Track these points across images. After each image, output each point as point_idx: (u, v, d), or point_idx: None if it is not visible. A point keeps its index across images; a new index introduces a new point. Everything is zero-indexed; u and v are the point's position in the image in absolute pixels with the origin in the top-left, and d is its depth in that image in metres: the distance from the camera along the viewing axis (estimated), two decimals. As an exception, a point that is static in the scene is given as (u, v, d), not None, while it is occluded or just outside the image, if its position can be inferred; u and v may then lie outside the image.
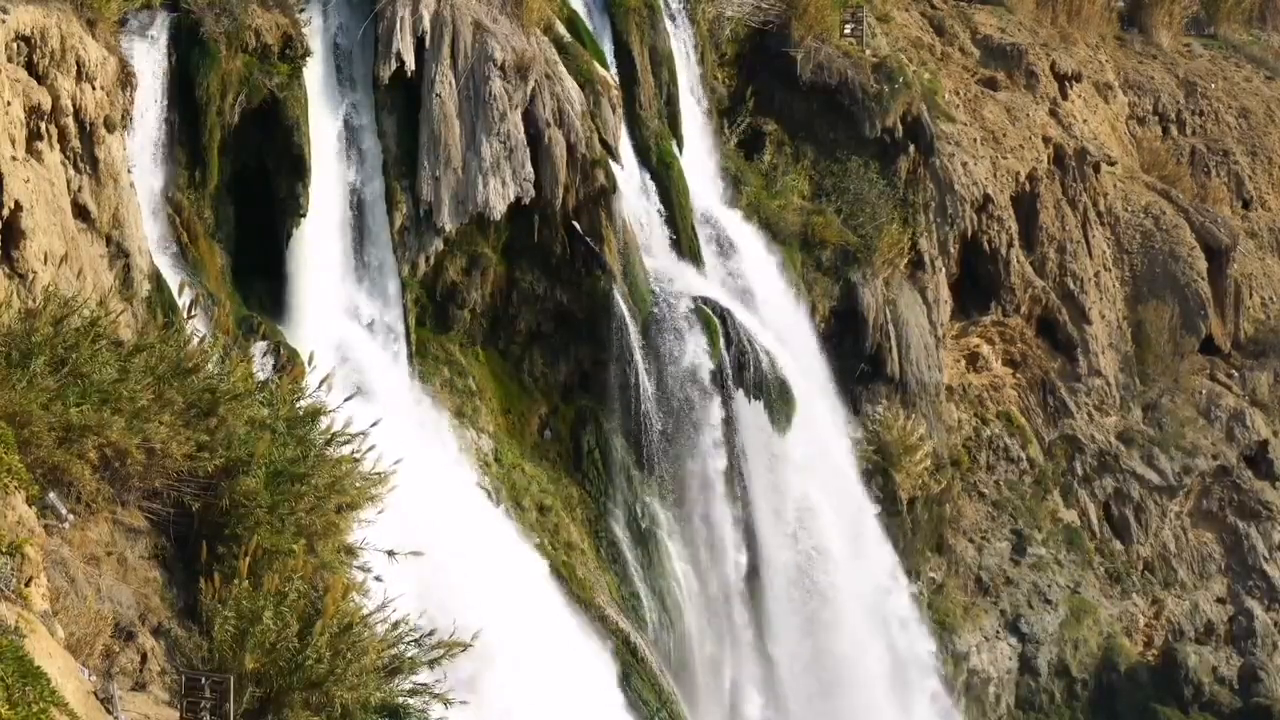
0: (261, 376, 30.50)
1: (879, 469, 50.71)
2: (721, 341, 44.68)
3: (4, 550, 18.42)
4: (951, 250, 55.53)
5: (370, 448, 25.38)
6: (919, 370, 52.47)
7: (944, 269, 54.87)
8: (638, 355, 43.54)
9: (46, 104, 32.25)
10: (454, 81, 41.32)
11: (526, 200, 42.05)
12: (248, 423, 23.86)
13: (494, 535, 39.36)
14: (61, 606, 20.17)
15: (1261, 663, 58.36)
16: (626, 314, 43.38)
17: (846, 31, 54.74)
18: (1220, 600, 59.53)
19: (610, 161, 43.60)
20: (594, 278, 43.27)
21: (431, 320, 42.24)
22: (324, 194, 39.44)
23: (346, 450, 25.18)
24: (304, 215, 38.81)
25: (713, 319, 44.80)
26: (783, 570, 46.44)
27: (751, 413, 45.29)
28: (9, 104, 30.89)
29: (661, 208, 46.71)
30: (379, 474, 25.21)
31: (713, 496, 44.86)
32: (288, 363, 35.66)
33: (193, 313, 27.67)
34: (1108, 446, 58.76)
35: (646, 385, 43.65)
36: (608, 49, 46.72)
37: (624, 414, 43.78)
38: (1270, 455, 61.61)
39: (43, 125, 32.27)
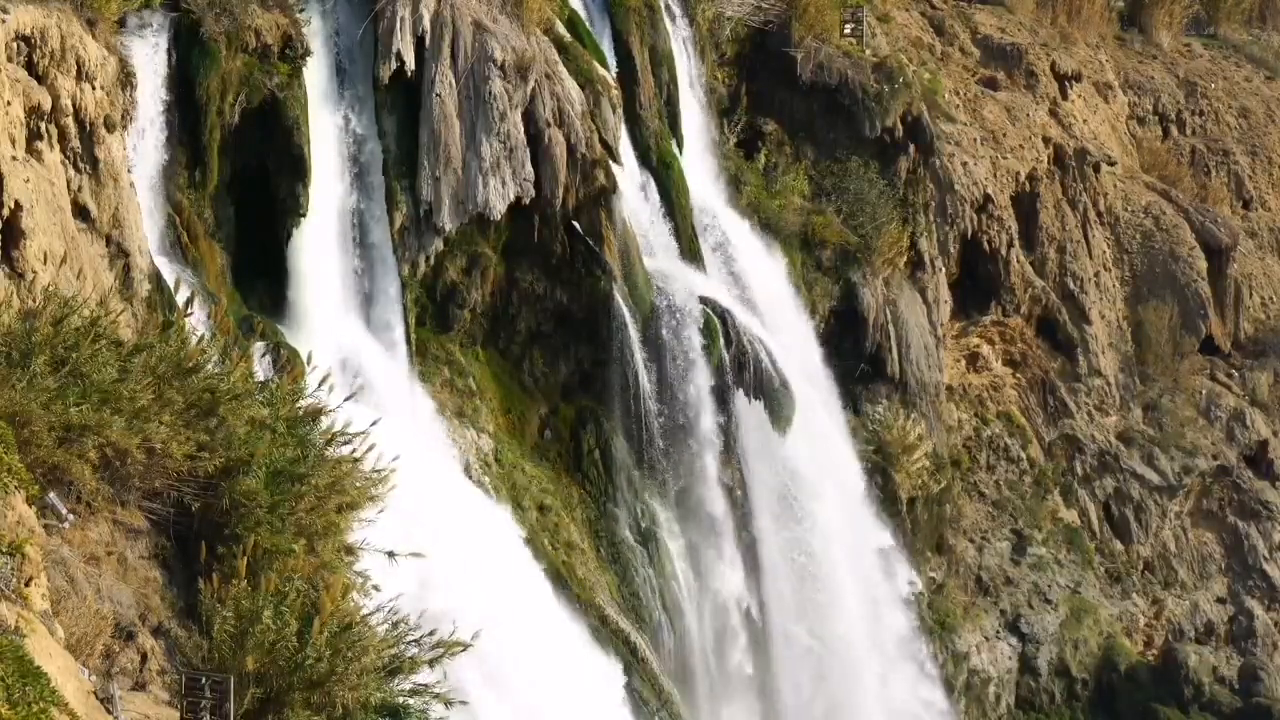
0: (261, 376, 30.48)
1: (879, 469, 50.71)
2: (721, 341, 44.68)
3: (4, 550, 18.41)
4: (951, 250, 55.53)
5: (370, 447, 25.37)
6: (919, 370, 52.47)
7: (944, 269, 54.87)
8: (638, 355, 43.54)
9: (46, 104, 32.24)
10: (454, 81, 41.32)
11: (526, 200, 42.04)
12: (248, 423, 23.82)
13: (494, 535, 39.35)
14: (61, 606, 20.14)
15: (1261, 663, 58.36)
16: (626, 314, 43.37)
17: (846, 31, 54.72)
18: (1220, 600, 59.53)
19: (610, 161, 43.58)
20: (594, 278, 43.25)
21: (431, 320, 42.22)
22: (324, 194, 39.43)
23: (346, 450, 25.15)
24: (304, 215, 38.81)
25: (713, 319, 44.80)
26: (783, 569, 46.43)
27: (751, 413, 45.29)
28: (9, 104, 30.88)
29: (662, 208, 46.71)
30: (379, 473, 25.19)
31: (713, 496, 44.86)
32: (288, 363, 35.64)
33: (189, 311, 27.61)
34: (1108, 446, 58.76)
35: (646, 385, 43.64)
36: (608, 49, 46.70)
37: (624, 414, 43.78)
38: (1270, 455, 61.61)
39: (43, 125, 32.27)
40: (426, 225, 41.21)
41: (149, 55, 36.72)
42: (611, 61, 46.46)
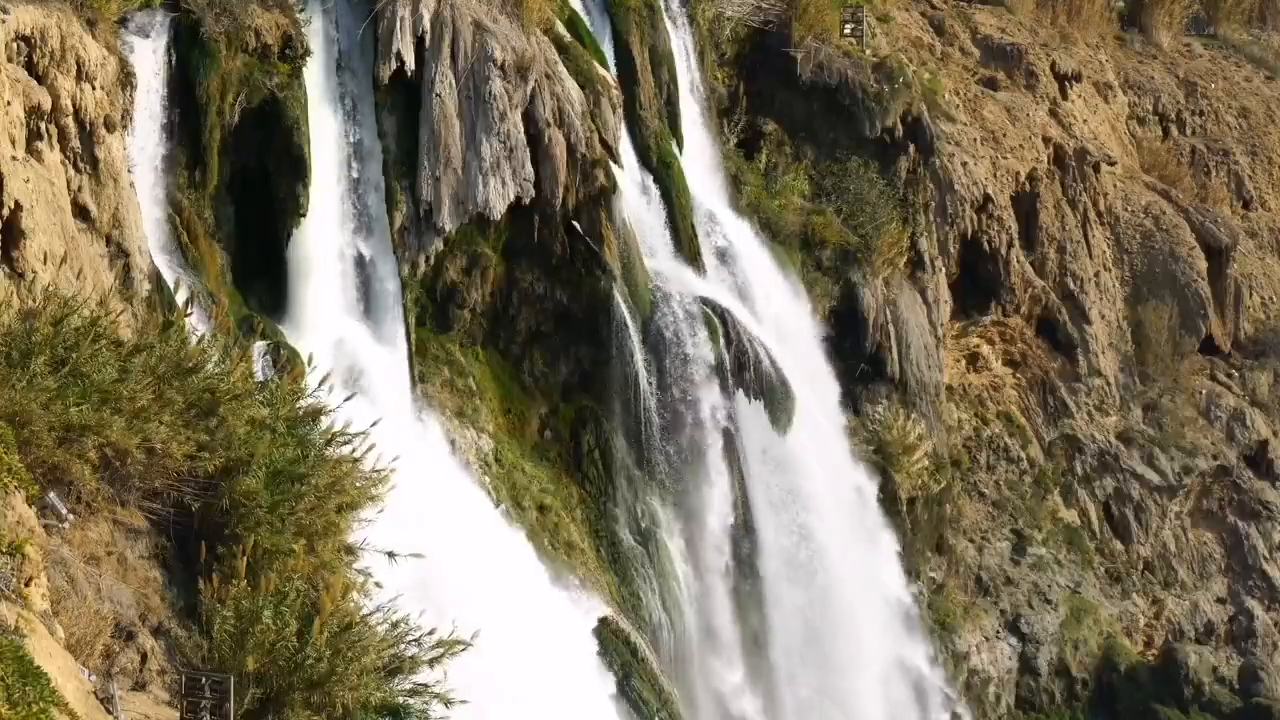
0: (261, 376, 30.48)
1: (879, 469, 50.70)
2: (721, 341, 44.67)
3: (4, 550, 18.41)
4: (951, 250, 55.52)
5: (370, 447, 25.35)
6: (919, 370, 52.46)
7: (944, 269, 54.86)
8: (638, 355, 43.54)
9: (46, 104, 32.25)
10: (454, 81, 41.31)
11: (526, 200, 42.04)
12: (248, 423, 23.80)
13: (493, 536, 39.35)
14: (61, 606, 20.13)
15: (1261, 663, 58.35)
16: (626, 314, 43.37)
17: (846, 31, 54.73)
18: (1220, 600, 59.52)
19: (610, 161, 43.59)
20: (594, 278, 43.25)
21: (431, 320, 42.23)
22: (324, 194, 39.44)
23: (346, 450, 25.13)
24: (304, 215, 38.83)
25: (713, 319, 44.80)
26: (782, 569, 46.42)
27: (751, 412, 45.27)
28: (9, 104, 30.89)
29: (662, 207, 46.71)
30: (379, 473, 25.17)
31: (712, 496, 44.85)
32: (288, 363, 35.64)
33: (188, 311, 27.61)
34: (1108, 446, 58.75)
35: (646, 385, 43.64)
36: (608, 49, 46.71)
37: (624, 414, 43.78)
38: (1270, 455, 61.60)
39: (43, 125, 32.28)
40: (426, 225, 41.21)
41: (149, 55, 36.74)
42: (611, 61, 46.46)
